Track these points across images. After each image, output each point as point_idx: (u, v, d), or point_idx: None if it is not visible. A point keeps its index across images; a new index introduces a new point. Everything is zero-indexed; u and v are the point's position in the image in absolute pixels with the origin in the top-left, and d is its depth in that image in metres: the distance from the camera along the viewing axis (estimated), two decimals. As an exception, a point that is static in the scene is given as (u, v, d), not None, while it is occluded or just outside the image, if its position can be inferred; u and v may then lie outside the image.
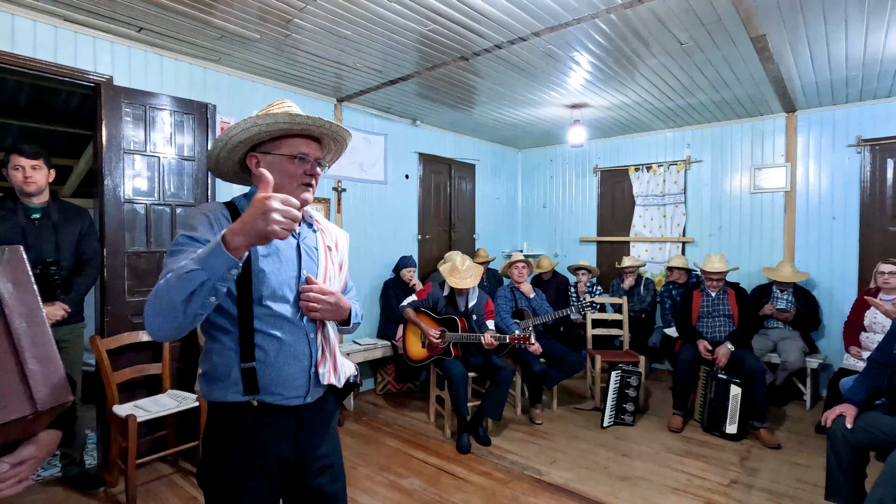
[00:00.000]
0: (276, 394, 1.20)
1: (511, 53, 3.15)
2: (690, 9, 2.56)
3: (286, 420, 1.23)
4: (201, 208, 1.20)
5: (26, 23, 2.64)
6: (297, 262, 1.24)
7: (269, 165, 1.21)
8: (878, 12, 2.59)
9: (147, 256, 3.08)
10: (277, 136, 1.22)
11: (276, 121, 1.17)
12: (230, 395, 1.18)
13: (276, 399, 1.20)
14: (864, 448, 2.22)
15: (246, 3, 2.51)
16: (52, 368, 0.73)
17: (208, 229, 1.14)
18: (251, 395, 1.18)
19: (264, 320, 1.18)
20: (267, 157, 1.22)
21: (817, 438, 3.40)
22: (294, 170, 1.21)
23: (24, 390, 0.69)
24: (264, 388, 1.18)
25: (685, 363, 3.63)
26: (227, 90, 3.52)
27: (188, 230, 1.13)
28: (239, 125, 1.18)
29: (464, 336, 3.44)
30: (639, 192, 5.38)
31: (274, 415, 1.21)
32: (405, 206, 4.93)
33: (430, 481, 2.84)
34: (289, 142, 1.22)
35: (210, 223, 1.15)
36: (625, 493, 2.71)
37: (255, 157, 1.23)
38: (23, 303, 0.73)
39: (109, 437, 2.78)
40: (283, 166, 1.20)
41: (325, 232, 1.36)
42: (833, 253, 4.30)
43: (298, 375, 1.22)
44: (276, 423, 1.22)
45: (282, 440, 1.23)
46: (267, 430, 1.21)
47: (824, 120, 4.33)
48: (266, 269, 1.18)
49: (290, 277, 1.22)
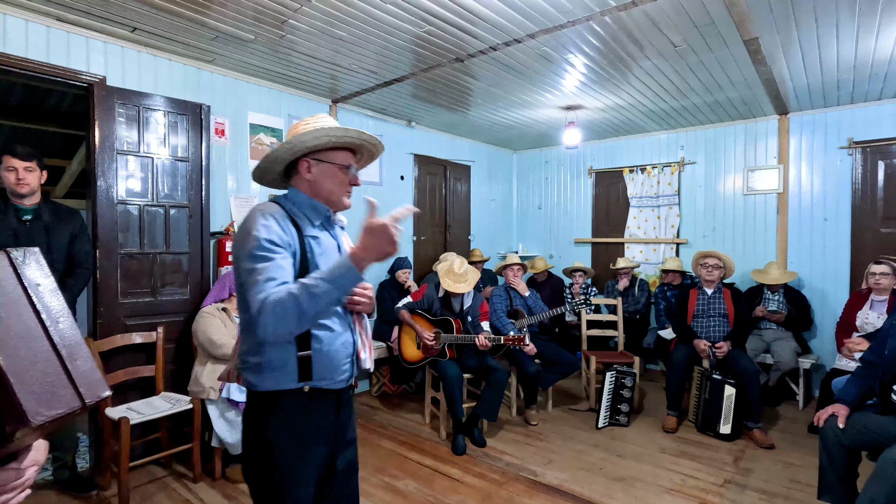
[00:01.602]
0: (328, 379, 1.34)
1: (506, 55, 3.15)
2: (684, 11, 2.58)
3: (331, 402, 1.38)
4: (262, 210, 1.28)
5: (18, 22, 2.62)
6: None
7: (322, 171, 1.37)
8: (869, 16, 2.62)
9: (140, 258, 3.06)
10: (331, 147, 1.38)
11: (348, 135, 1.35)
12: (285, 383, 1.29)
13: (327, 384, 1.34)
14: (856, 447, 2.24)
15: (240, 3, 2.50)
16: (90, 365, 0.78)
17: (280, 231, 1.25)
18: (304, 382, 1.30)
19: None
20: (320, 164, 1.37)
21: (810, 438, 3.42)
22: (343, 178, 1.40)
23: (72, 386, 0.74)
24: (317, 375, 1.31)
25: (679, 364, 3.65)
26: (222, 91, 3.51)
27: (265, 233, 1.23)
28: (310, 132, 1.31)
29: (458, 337, 3.44)
30: (633, 194, 5.40)
31: (322, 398, 1.35)
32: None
33: (426, 483, 2.84)
34: (341, 153, 1.40)
35: (279, 225, 1.26)
36: (619, 493, 2.71)
37: (308, 162, 1.37)
38: (52, 303, 0.78)
39: (102, 440, 2.76)
40: (335, 174, 1.38)
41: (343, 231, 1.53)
42: (825, 254, 4.33)
43: (345, 361, 1.37)
44: (324, 406, 1.36)
45: (327, 420, 1.38)
46: (316, 413, 1.34)
47: (816, 122, 4.37)
48: (322, 266, 1.29)
49: None
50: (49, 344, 0.74)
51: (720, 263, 3.78)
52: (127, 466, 2.49)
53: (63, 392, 0.73)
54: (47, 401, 0.70)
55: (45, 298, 0.77)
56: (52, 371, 0.73)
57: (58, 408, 0.71)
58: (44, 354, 0.73)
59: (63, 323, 0.77)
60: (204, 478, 2.83)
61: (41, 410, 0.69)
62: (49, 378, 0.72)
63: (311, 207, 1.37)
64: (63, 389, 0.73)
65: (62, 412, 0.72)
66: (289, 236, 1.27)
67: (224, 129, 3.52)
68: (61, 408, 0.72)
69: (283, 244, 1.24)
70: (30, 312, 0.74)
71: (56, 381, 0.73)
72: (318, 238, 1.35)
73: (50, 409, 0.70)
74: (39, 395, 0.70)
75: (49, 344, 0.74)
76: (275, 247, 1.22)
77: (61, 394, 0.73)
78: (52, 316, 0.76)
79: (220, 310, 2.96)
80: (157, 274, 3.13)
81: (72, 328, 0.78)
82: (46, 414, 0.69)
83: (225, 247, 3.39)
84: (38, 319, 0.74)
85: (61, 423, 0.75)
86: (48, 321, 0.75)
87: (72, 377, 0.75)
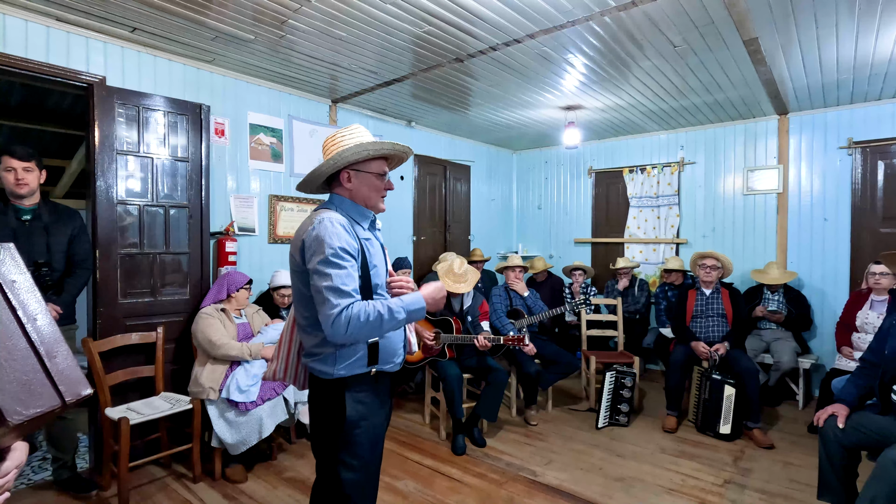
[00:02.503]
0: (390, 363, 1.56)
1: (506, 55, 3.15)
2: (684, 11, 2.58)
3: (387, 383, 1.64)
4: (330, 218, 1.44)
5: (18, 22, 2.62)
6: (384, 258, 1.62)
7: (360, 179, 1.54)
8: (869, 16, 2.62)
9: (140, 258, 3.06)
10: (368, 158, 1.54)
11: (384, 148, 1.52)
12: (357, 368, 1.49)
13: (390, 367, 1.57)
14: (855, 447, 2.24)
15: (240, 3, 2.50)
16: (69, 362, 0.77)
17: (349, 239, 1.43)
18: (372, 366, 1.51)
19: None
20: (359, 174, 1.54)
21: (810, 438, 3.42)
22: (379, 185, 1.57)
23: (51, 384, 0.74)
24: (382, 359, 1.53)
25: (677, 364, 3.65)
26: (222, 91, 3.51)
27: (337, 241, 1.40)
28: (351, 149, 1.47)
29: (458, 337, 3.44)
30: (633, 194, 5.41)
31: (384, 379, 1.60)
32: (400, 207, 4.93)
33: (425, 483, 2.84)
34: (378, 162, 1.56)
35: (347, 232, 1.44)
36: (619, 493, 2.71)
37: (348, 172, 1.53)
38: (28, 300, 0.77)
39: (101, 440, 2.76)
40: (372, 182, 1.55)
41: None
42: (825, 254, 4.34)
43: (400, 346, 1.61)
44: (385, 385, 1.61)
45: (387, 397, 1.65)
46: (381, 392, 1.58)
47: (816, 122, 4.37)
48: (377, 265, 1.53)
49: (385, 271, 1.60)
50: (26, 341, 0.73)
51: (718, 264, 3.78)
52: (127, 466, 2.49)
53: (42, 390, 0.72)
54: (25, 400, 0.69)
55: (21, 295, 0.75)
56: (29, 369, 0.72)
57: (36, 406, 0.70)
58: (21, 352, 0.72)
59: (41, 320, 0.76)
60: (204, 478, 2.83)
61: (19, 409, 0.68)
62: (27, 376, 0.71)
63: (359, 213, 1.56)
64: (42, 388, 0.72)
65: (41, 411, 0.71)
66: (355, 242, 1.45)
67: (224, 129, 3.52)
68: (40, 406, 0.71)
69: (353, 252, 1.43)
70: (5, 309, 0.72)
71: (34, 379, 0.72)
72: (369, 240, 1.54)
73: (28, 408, 0.69)
74: (16, 394, 0.69)
75: (26, 341, 0.73)
76: (347, 255, 1.40)
77: (40, 392, 0.71)
78: (29, 313, 0.75)
79: (219, 310, 2.96)
80: (157, 274, 3.13)
81: (50, 325, 0.77)
82: (24, 413, 0.68)
83: (225, 247, 3.39)
84: (14, 317, 0.73)
85: (41, 422, 0.74)
86: (25, 318, 0.74)
87: (51, 375, 0.73)
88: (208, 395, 2.76)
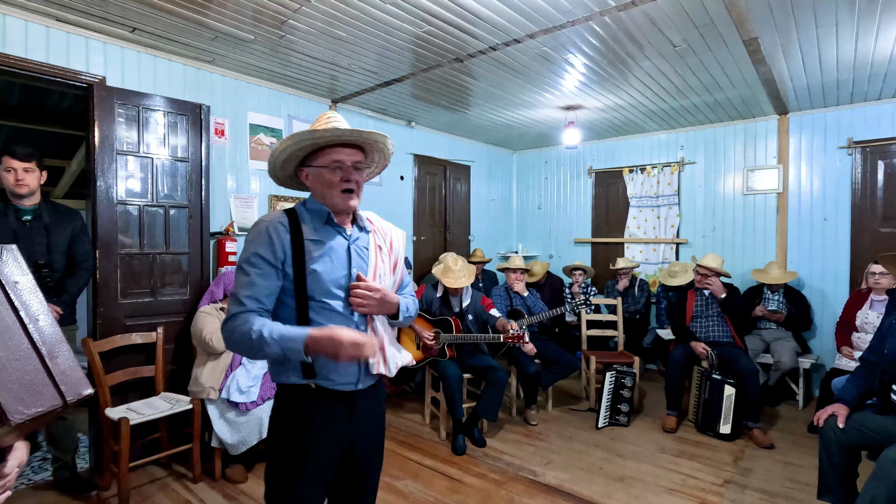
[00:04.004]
0: (330, 379, 1.34)
1: (505, 55, 3.15)
2: (683, 11, 2.58)
3: (339, 404, 1.38)
4: (263, 222, 1.33)
5: (17, 22, 2.62)
6: (347, 262, 1.38)
7: (314, 177, 1.38)
8: (868, 16, 2.62)
9: (140, 258, 3.06)
10: (319, 149, 1.36)
11: (301, 138, 1.31)
12: (292, 378, 1.34)
13: (329, 384, 1.35)
14: (855, 447, 2.24)
15: (240, 3, 2.50)
16: (71, 362, 0.78)
17: (269, 248, 1.30)
18: (309, 379, 1.33)
19: (320, 313, 1.33)
20: (310, 170, 1.38)
21: (810, 438, 3.42)
22: (331, 178, 1.34)
23: (52, 383, 0.74)
24: (320, 374, 1.33)
25: (677, 363, 3.65)
26: (221, 91, 3.51)
27: (255, 247, 1.30)
28: (278, 148, 1.34)
29: (458, 337, 3.44)
30: (633, 194, 5.40)
31: (329, 399, 1.36)
32: (400, 207, 4.93)
33: (426, 483, 2.84)
34: (326, 153, 1.35)
35: (271, 241, 1.30)
36: (619, 493, 2.71)
37: (304, 170, 1.40)
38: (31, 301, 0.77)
39: (102, 441, 2.76)
40: (322, 176, 1.35)
41: (378, 232, 1.50)
42: (825, 254, 4.34)
43: (350, 364, 1.35)
44: (331, 406, 1.37)
45: (336, 421, 1.37)
46: (323, 412, 1.36)
47: (816, 122, 4.37)
48: (318, 270, 1.32)
49: (340, 276, 1.36)
50: (28, 342, 0.74)
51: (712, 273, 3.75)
52: (127, 467, 2.49)
53: (43, 390, 0.72)
54: (27, 399, 0.70)
55: (23, 296, 0.76)
56: (31, 369, 0.72)
57: (38, 406, 0.71)
58: (23, 352, 0.73)
59: (42, 321, 0.76)
60: (204, 478, 2.83)
61: (20, 409, 0.68)
62: (28, 376, 0.72)
63: (315, 211, 1.39)
64: (43, 387, 0.73)
65: (42, 410, 0.71)
66: (279, 248, 1.30)
67: (224, 129, 3.52)
68: (41, 406, 0.71)
69: (269, 258, 1.29)
70: (8, 310, 0.73)
71: (36, 378, 0.72)
72: (319, 241, 1.35)
73: (29, 408, 0.70)
74: (18, 393, 0.69)
75: (28, 342, 0.74)
76: (261, 261, 1.28)
77: (41, 392, 0.72)
78: (31, 314, 0.75)
79: (217, 309, 2.96)
80: (157, 274, 3.13)
81: (51, 326, 0.77)
82: (26, 412, 0.69)
83: (225, 247, 3.39)
84: (16, 317, 0.74)
85: (42, 421, 0.74)
86: (27, 319, 0.75)
87: (52, 375, 0.74)
88: (208, 395, 2.76)
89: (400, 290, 1.56)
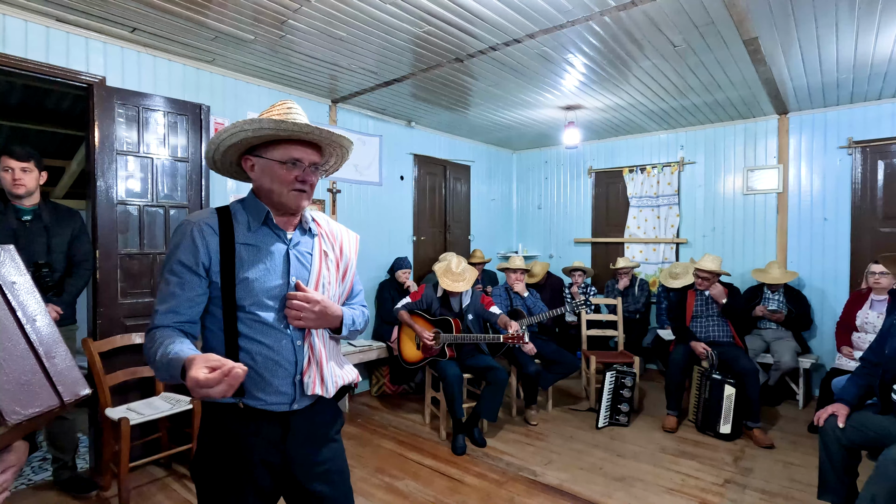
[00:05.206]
0: (260, 399, 1.20)
1: (505, 55, 3.15)
2: (683, 11, 2.58)
3: (272, 425, 1.23)
4: (188, 223, 1.20)
5: (17, 23, 2.62)
6: (284, 269, 1.24)
7: (262, 169, 1.23)
8: (868, 16, 2.62)
9: (140, 258, 3.06)
10: (272, 140, 1.21)
11: (262, 126, 1.16)
12: None
13: (260, 404, 1.20)
14: (855, 447, 2.24)
15: (240, 3, 2.50)
16: (68, 363, 0.77)
17: (192, 253, 1.17)
18: (237, 398, 1.18)
19: (250, 326, 1.19)
20: (260, 161, 1.23)
21: (810, 438, 3.42)
22: (285, 175, 1.21)
23: (50, 384, 0.74)
24: (249, 392, 1.19)
25: (677, 363, 3.65)
26: (221, 91, 3.51)
27: (176, 253, 1.17)
28: (228, 129, 1.19)
29: (458, 337, 3.44)
30: (633, 194, 5.40)
31: (260, 419, 1.21)
32: (400, 207, 4.93)
33: (426, 483, 2.84)
34: (282, 146, 1.21)
35: (195, 245, 1.17)
36: (620, 493, 2.71)
37: (250, 159, 1.24)
38: (28, 301, 0.77)
39: (102, 441, 2.76)
40: (275, 171, 1.21)
41: (326, 236, 1.34)
42: (825, 254, 4.33)
43: (283, 383, 1.21)
44: (262, 427, 1.22)
45: (267, 444, 1.22)
46: (253, 433, 1.21)
47: (816, 122, 4.37)
48: (250, 277, 1.19)
49: (275, 285, 1.21)
50: (25, 342, 0.73)
51: (710, 276, 3.74)
52: (127, 467, 2.49)
53: (40, 390, 0.72)
54: (24, 399, 0.70)
55: (20, 296, 0.75)
56: (28, 369, 0.72)
57: (35, 406, 0.70)
58: (20, 353, 0.72)
59: (40, 321, 0.76)
60: (204, 478, 2.83)
61: (17, 409, 0.68)
62: (25, 376, 0.71)
63: (253, 209, 1.25)
64: (40, 388, 0.72)
65: (39, 410, 0.71)
66: (203, 253, 1.17)
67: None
68: (38, 406, 0.71)
69: (191, 265, 1.16)
70: (5, 310, 0.73)
71: (33, 379, 0.72)
72: (252, 245, 1.22)
73: (26, 408, 0.69)
74: (15, 394, 0.69)
75: (25, 342, 0.73)
76: (181, 268, 1.16)
77: (38, 392, 0.72)
78: (28, 314, 0.75)
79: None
80: (157, 274, 3.13)
81: (49, 326, 0.77)
82: (23, 413, 0.69)
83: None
84: (13, 318, 0.73)
85: (40, 422, 0.74)
86: (24, 319, 0.74)
87: (49, 375, 0.74)
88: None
89: (349, 301, 1.41)
